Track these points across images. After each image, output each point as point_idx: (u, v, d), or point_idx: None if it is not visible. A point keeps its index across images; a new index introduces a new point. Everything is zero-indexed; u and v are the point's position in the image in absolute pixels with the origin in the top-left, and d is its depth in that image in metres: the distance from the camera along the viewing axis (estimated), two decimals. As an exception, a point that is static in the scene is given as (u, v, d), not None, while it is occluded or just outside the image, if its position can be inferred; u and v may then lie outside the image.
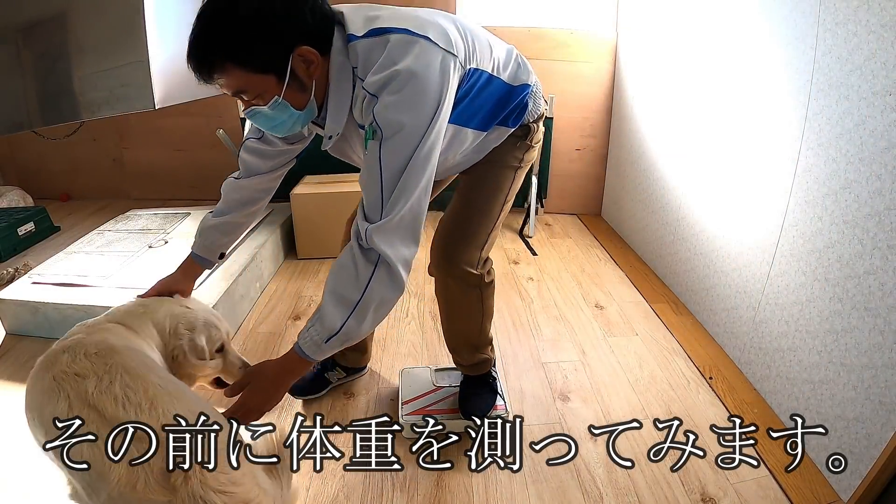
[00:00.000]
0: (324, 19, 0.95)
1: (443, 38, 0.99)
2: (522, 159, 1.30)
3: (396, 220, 0.94)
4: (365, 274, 0.94)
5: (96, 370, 0.83)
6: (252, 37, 0.89)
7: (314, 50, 0.94)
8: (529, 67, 1.26)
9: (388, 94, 0.92)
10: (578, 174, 3.16)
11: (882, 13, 1.16)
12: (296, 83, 0.96)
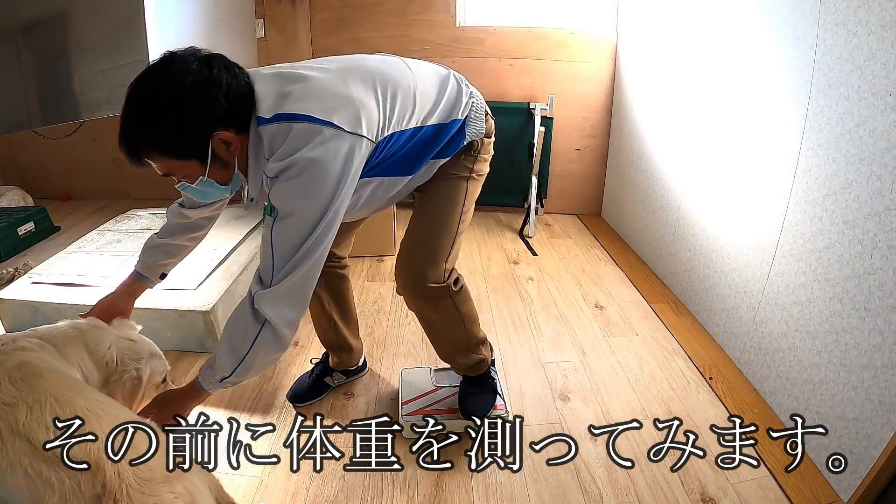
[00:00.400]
0: (239, 100, 0.99)
1: (350, 120, 1.01)
2: (472, 169, 1.32)
3: (283, 289, 1.01)
4: (252, 332, 1.02)
5: (24, 398, 0.81)
6: (170, 129, 0.94)
7: (231, 133, 0.99)
8: (463, 96, 1.26)
9: (285, 181, 0.98)
10: (578, 174, 3.16)
11: (882, 13, 1.16)
12: (218, 163, 1.02)
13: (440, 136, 1.22)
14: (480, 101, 1.32)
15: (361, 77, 1.10)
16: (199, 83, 0.94)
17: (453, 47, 3.01)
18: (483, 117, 1.32)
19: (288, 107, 0.99)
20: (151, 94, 0.94)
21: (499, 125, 3.30)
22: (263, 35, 3.03)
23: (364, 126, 1.03)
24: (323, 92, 1.03)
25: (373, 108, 1.06)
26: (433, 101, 1.20)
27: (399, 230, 2.86)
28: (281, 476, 1.34)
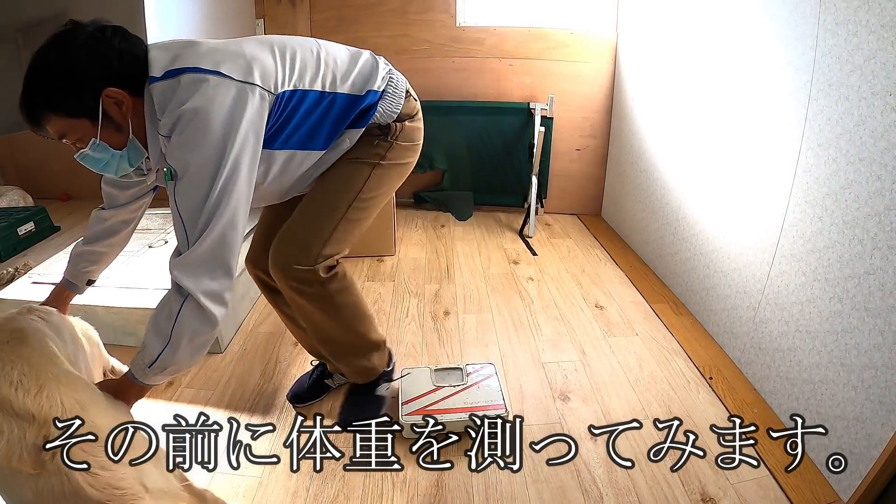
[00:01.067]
0: (133, 62, 0.99)
1: (240, 69, 1.00)
2: (384, 157, 1.26)
3: (198, 253, 0.98)
4: (175, 307, 0.98)
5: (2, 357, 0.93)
6: (61, 85, 0.95)
7: (123, 91, 0.98)
8: (379, 70, 1.22)
9: (176, 135, 0.96)
10: (578, 174, 3.16)
11: (882, 13, 1.16)
12: (111, 124, 1.01)
13: (353, 107, 1.18)
14: (401, 80, 1.27)
15: (258, 40, 1.11)
16: (89, 42, 0.96)
17: (453, 47, 3.01)
18: (402, 97, 1.26)
19: (178, 63, 0.99)
20: (45, 55, 0.96)
21: (499, 125, 3.31)
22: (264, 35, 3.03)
23: (256, 75, 1.01)
24: (214, 49, 1.03)
25: (267, 61, 1.05)
26: (343, 69, 1.17)
27: (399, 230, 2.87)
28: (281, 476, 1.34)
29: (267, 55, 1.06)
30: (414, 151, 1.34)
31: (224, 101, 0.97)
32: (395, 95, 1.24)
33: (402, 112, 1.26)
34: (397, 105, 1.25)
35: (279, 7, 2.98)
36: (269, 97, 1.03)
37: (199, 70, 0.97)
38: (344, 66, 1.18)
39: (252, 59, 1.03)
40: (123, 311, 1.80)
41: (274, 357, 1.82)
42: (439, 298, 2.20)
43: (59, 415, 0.85)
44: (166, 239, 2.28)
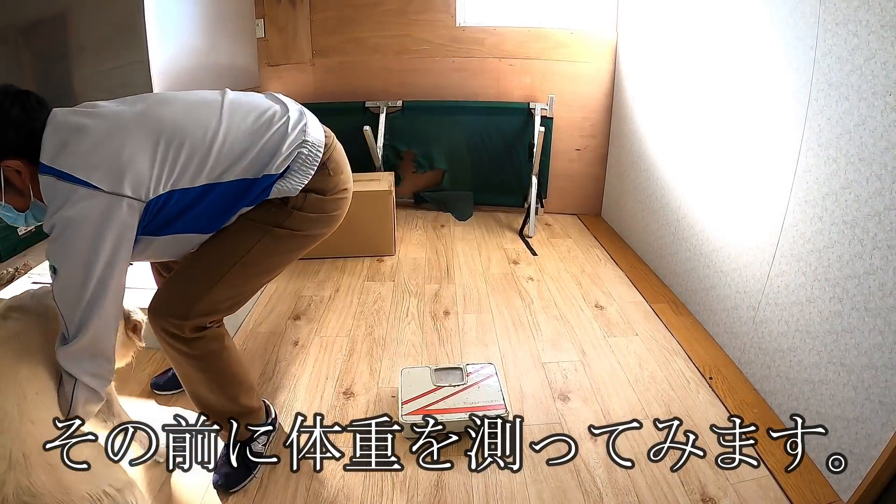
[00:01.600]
0: (27, 136, 1.03)
1: (111, 178, 1.02)
2: (281, 224, 1.20)
3: (77, 347, 1.03)
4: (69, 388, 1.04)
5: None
6: None
7: (20, 161, 1.03)
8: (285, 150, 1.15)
9: (50, 241, 1.02)
10: (578, 174, 3.16)
11: (882, 13, 1.16)
12: (13, 189, 1.06)
13: (245, 190, 1.14)
14: (314, 153, 1.19)
15: (149, 129, 1.08)
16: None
17: (453, 47, 3.01)
18: (310, 173, 1.19)
19: (60, 161, 1.01)
20: None
21: (499, 125, 3.31)
22: (263, 35, 3.03)
23: (126, 186, 1.03)
24: (95, 148, 1.04)
25: (143, 165, 1.05)
26: (237, 154, 1.12)
27: (399, 230, 2.87)
28: (281, 476, 1.34)
29: (145, 158, 1.06)
30: (324, 224, 1.27)
31: (90, 215, 1.00)
32: (299, 173, 1.18)
33: (311, 187, 1.20)
34: (300, 182, 1.18)
35: (279, 7, 2.98)
36: (139, 205, 1.05)
37: (73, 179, 1.00)
38: (240, 150, 1.13)
39: (127, 165, 1.04)
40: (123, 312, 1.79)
41: (274, 357, 1.82)
42: (439, 298, 2.20)
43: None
44: (166, 239, 2.28)
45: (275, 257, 1.25)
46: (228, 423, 1.24)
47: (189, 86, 2.08)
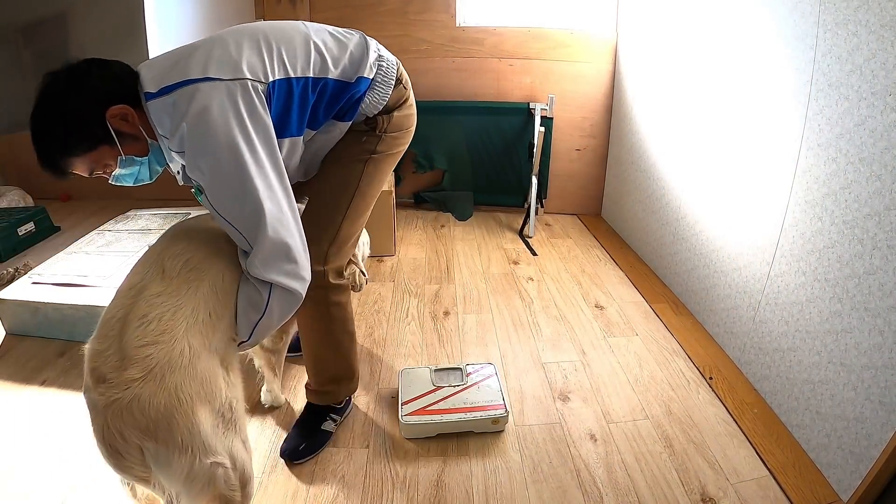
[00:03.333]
0: (117, 79, 1.02)
1: (227, 67, 1.01)
2: (374, 150, 1.27)
3: (263, 251, 1.01)
4: (262, 298, 1.04)
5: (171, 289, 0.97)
6: (64, 131, 0.99)
7: (123, 105, 1.01)
8: (371, 57, 1.20)
9: (187, 150, 0.99)
10: (578, 174, 3.16)
11: (882, 13, 1.16)
12: (128, 138, 1.05)
13: (344, 92, 1.17)
14: (391, 67, 1.25)
15: (242, 33, 1.10)
16: (69, 82, 0.99)
17: (453, 47, 3.01)
18: (390, 86, 1.24)
19: (166, 79, 1.01)
20: (39, 111, 1.00)
21: (499, 125, 3.31)
22: (263, 35, 3.03)
23: (245, 69, 1.02)
24: (199, 54, 1.04)
25: (254, 57, 1.05)
26: (334, 54, 1.16)
27: (399, 230, 2.86)
28: (281, 476, 1.34)
29: (253, 48, 1.06)
30: (405, 138, 1.34)
31: (221, 103, 0.98)
32: (383, 85, 1.23)
33: (389, 103, 1.25)
34: (384, 96, 1.24)
35: (279, 7, 2.98)
36: (262, 87, 1.04)
37: (190, 81, 0.99)
38: (334, 51, 1.17)
39: (238, 55, 1.04)
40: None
41: (274, 357, 1.82)
42: (439, 298, 2.20)
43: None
44: (166, 239, 2.28)
45: (377, 183, 1.31)
46: (325, 390, 1.39)
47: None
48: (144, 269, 0.99)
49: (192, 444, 0.87)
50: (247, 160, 0.99)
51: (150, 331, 0.88)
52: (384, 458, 1.40)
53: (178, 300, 0.94)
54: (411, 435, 1.46)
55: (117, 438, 0.83)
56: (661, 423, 1.52)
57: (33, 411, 1.54)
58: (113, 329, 0.89)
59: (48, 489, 1.28)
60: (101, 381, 0.84)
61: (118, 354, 0.86)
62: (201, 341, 0.93)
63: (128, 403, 0.82)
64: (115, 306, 0.94)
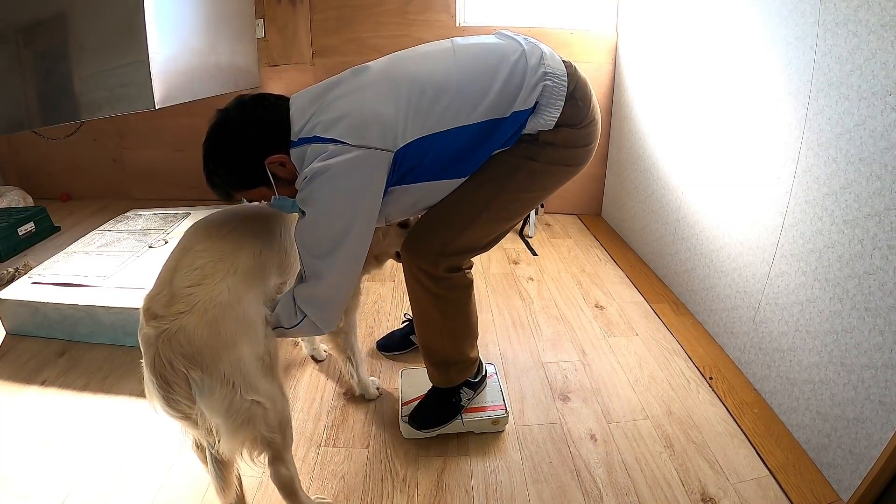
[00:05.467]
0: (277, 129, 1.11)
1: (356, 133, 1.05)
2: (534, 158, 1.17)
3: (315, 293, 1.12)
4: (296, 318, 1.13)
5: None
6: (227, 173, 1.14)
7: (280, 155, 1.11)
8: (530, 82, 1.12)
9: (301, 191, 1.09)
10: (578, 174, 3.15)
11: (882, 13, 1.16)
12: (282, 181, 1.15)
13: (494, 129, 1.12)
14: (560, 83, 1.14)
15: (387, 85, 1.12)
16: (235, 129, 1.10)
17: (453, 47, 3.01)
18: (559, 106, 1.14)
19: (307, 130, 1.10)
20: (210, 150, 1.13)
21: (499, 125, 3.19)
22: (263, 35, 3.03)
23: (372, 137, 1.06)
24: (336, 110, 1.09)
25: (387, 118, 1.07)
26: (478, 93, 1.10)
27: (399, 230, 2.86)
28: (281, 476, 1.34)
29: (388, 109, 1.08)
30: (581, 156, 1.23)
31: (339, 168, 1.05)
32: (550, 108, 1.13)
33: (562, 121, 1.15)
34: (551, 118, 1.14)
35: (279, 7, 2.98)
36: (386, 155, 1.07)
37: (320, 140, 1.07)
38: (480, 89, 1.10)
39: (371, 118, 1.07)
40: (123, 312, 1.80)
41: (274, 357, 1.82)
42: (439, 298, 2.20)
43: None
44: (166, 239, 2.28)
45: (528, 193, 1.24)
46: (444, 366, 1.40)
47: (189, 86, 2.07)
48: (194, 236, 1.14)
49: (233, 378, 0.97)
50: (338, 228, 1.08)
51: (196, 276, 1.01)
52: (384, 458, 1.40)
53: (220, 254, 1.07)
54: (411, 435, 1.46)
55: (167, 367, 0.93)
56: (661, 423, 1.52)
57: (33, 411, 1.54)
58: (165, 278, 1.03)
59: (48, 489, 1.28)
60: (153, 317, 0.96)
61: (168, 295, 0.98)
62: (240, 288, 1.04)
63: (175, 332, 0.94)
64: (167, 261, 1.08)
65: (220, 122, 1.12)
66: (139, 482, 1.31)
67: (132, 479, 1.32)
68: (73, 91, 1.89)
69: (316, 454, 1.40)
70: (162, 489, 1.29)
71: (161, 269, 1.08)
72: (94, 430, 1.47)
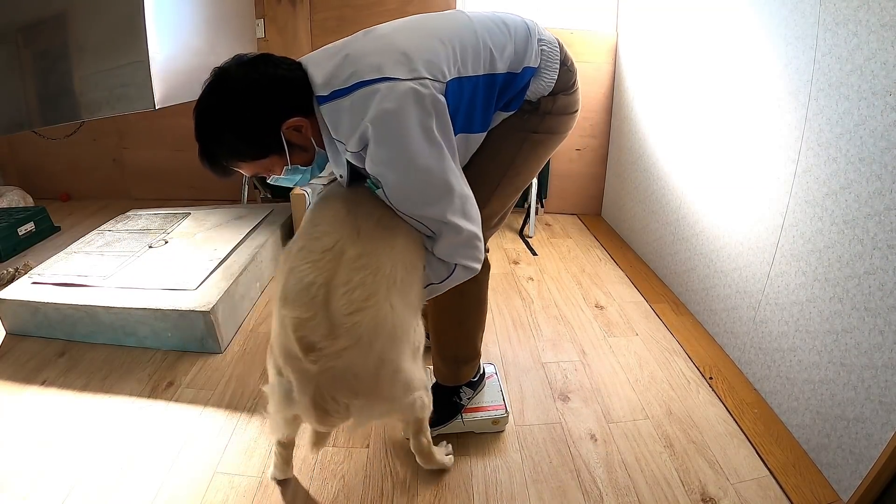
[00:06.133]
0: (294, 87, 1.00)
1: (402, 66, 0.98)
2: (536, 130, 1.21)
3: (447, 242, 1.07)
4: (446, 272, 1.12)
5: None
6: (235, 139, 0.99)
7: (299, 118, 1.01)
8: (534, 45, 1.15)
9: (371, 150, 0.98)
10: (578, 174, 3.16)
11: (882, 13, 1.16)
12: (297, 148, 1.05)
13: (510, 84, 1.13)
14: (554, 50, 1.19)
15: (417, 30, 1.07)
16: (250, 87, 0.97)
17: (453, 47, 3.01)
18: (556, 70, 1.18)
19: (342, 80, 0.98)
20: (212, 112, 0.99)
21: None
22: (263, 35, 3.03)
23: (422, 68, 0.99)
24: (370, 53, 1.01)
25: (431, 50, 1.02)
26: (500, 42, 1.12)
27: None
28: (281, 476, 1.34)
29: (425, 46, 1.03)
30: (570, 122, 1.27)
31: (403, 103, 0.96)
32: (548, 70, 1.17)
33: (556, 87, 1.19)
34: (550, 81, 1.18)
35: (279, 7, 2.98)
36: (440, 86, 1.01)
37: (366, 83, 0.97)
38: (500, 42, 1.12)
39: (414, 52, 1.01)
40: (123, 312, 1.80)
41: (274, 357, 1.82)
42: (439, 298, 2.20)
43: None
44: (166, 239, 2.28)
45: (533, 162, 1.26)
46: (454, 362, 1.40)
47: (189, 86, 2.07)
48: (337, 231, 1.00)
49: (395, 392, 0.96)
50: (433, 160, 0.99)
51: (356, 298, 0.91)
52: (384, 458, 1.40)
53: (377, 261, 0.96)
54: (411, 435, 1.46)
55: (328, 401, 0.89)
56: (661, 423, 1.52)
57: (33, 411, 1.54)
58: (317, 296, 0.91)
59: (48, 489, 1.28)
60: (310, 349, 0.88)
61: (326, 322, 0.89)
62: (401, 300, 0.97)
63: (341, 371, 0.88)
64: (311, 270, 0.94)
65: (220, 79, 0.99)
66: (139, 482, 1.31)
67: (132, 479, 1.32)
68: (72, 91, 1.89)
69: (316, 454, 1.40)
70: (162, 489, 1.29)
71: (301, 277, 0.94)
72: (94, 430, 1.47)
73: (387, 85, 0.96)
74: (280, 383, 0.94)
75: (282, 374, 0.96)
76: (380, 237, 1.00)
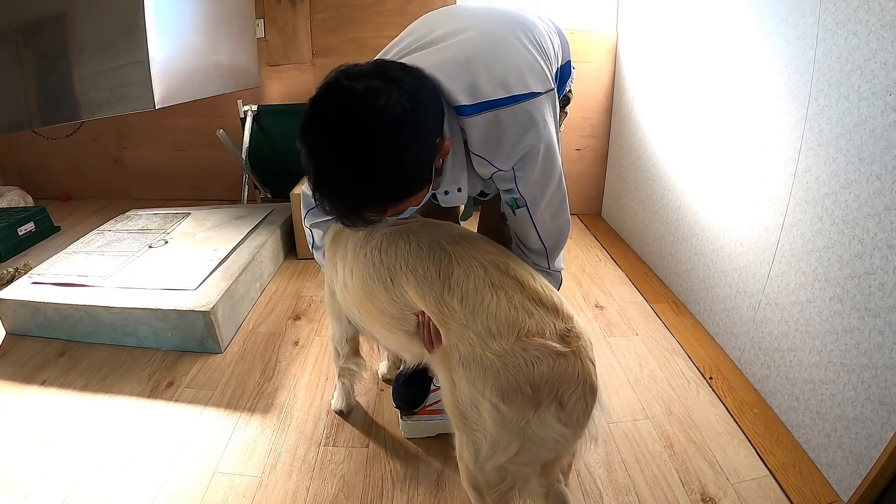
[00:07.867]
0: (440, 107, 0.89)
1: (541, 79, 0.98)
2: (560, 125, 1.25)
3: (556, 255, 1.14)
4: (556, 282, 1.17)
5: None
6: (396, 181, 0.83)
7: (444, 141, 0.91)
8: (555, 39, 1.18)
9: (526, 171, 0.97)
10: (578, 174, 3.16)
11: (882, 13, 1.16)
12: (435, 173, 0.95)
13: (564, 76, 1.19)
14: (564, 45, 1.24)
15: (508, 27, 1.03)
16: (405, 115, 0.79)
17: (453, 47, 3.00)
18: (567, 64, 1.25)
19: (485, 93, 0.90)
20: (371, 148, 0.79)
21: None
22: (263, 35, 3.03)
23: (550, 78, 1.02)
24: (505, 62, 0.95)
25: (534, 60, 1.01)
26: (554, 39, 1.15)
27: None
28: (281, 476, 1.34)
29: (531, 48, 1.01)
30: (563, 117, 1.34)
31: (548, 121, 0.97)
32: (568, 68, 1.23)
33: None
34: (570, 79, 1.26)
35: (279, 7, 2.98)
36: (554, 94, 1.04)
37: (517, 99, 0.91)
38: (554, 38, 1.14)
39: (542, 63, 1.00)
40: (124, 312, 1.80)
41: (274, 357, 1.82)
42: (439, 298, 2.20)
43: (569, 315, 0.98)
44: (166, 239, 2.28)
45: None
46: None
47: (189, 86, 2.08)
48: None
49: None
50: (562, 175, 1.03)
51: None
52: (384, 458, 1.40)
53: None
54: (411, 435, 1.46)
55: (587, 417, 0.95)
56: (661, 423, 1.52)
57: (33, 411, 1.54)
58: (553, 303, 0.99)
59: (48, 489, 1.28)
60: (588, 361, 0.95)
61: (574, 330, 0.97)
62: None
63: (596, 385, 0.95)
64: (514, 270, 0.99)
65: (385, 106, 0.77)
66: (139, 482, 1.31)
67: (132, 479, 1.32)
68: (73, 91, 1.89)
69: (316, 454, 1.40)
70: (162, 489, 1.29)
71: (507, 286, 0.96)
72: (94, 430, 1.48)
73: (533, 101, 0.94)
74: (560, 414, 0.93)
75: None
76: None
